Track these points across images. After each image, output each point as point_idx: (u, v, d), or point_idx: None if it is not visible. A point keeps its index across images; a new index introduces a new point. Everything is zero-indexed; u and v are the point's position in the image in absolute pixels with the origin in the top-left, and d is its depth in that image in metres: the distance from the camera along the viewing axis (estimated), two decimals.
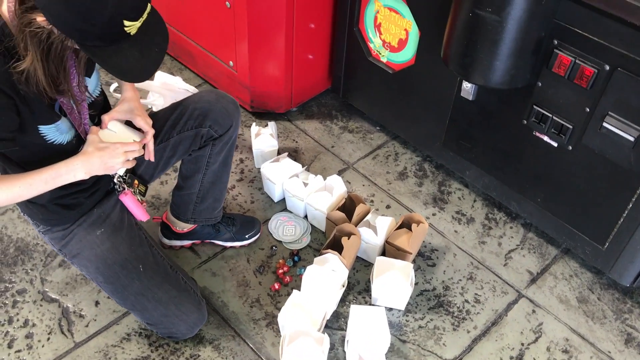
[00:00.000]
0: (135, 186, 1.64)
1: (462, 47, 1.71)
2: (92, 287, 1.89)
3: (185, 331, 1.70)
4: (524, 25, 1.60)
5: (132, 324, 1.80)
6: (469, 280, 1.99)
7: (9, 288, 1.87)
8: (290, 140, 2.45)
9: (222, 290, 1.91)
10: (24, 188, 1.35)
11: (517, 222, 2.18)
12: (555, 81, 1.73)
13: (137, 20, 1.18)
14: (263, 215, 2.14)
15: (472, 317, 1.89)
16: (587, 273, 2.03)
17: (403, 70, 2.17)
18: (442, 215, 2.19)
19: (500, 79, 1.72)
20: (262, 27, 2.22)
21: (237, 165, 2.32)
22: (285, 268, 1.96)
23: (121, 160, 1.45)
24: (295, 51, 2.33)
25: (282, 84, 2.41)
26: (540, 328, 1.87)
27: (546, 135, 1.84)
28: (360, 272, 1.99)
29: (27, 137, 1.36)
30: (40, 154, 1.41)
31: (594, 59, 1.61)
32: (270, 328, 1.81)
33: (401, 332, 1.83)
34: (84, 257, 1.59)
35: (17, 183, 1.35)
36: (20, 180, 1.35)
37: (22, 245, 1.99)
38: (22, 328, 1.78)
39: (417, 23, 2.02)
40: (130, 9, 1.17)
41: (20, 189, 1.35)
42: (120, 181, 1.61)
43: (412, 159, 2.40)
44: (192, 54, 2.63)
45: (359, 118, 2.56)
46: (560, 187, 1.90)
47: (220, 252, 2.01)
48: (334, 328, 1.83)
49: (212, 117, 1.69)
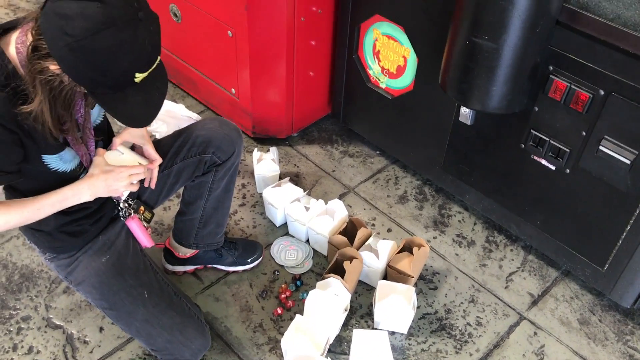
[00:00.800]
0: (140, 212, 1.67)
1: (460, 74, 1.75)
2: (96, 314, 1.90)
3: (190, 357, 1.70)
4: (520, 52, 1.64)
5: (136, 350, 1.81)
6: (471, 303, 2.00)
7: (14, 315, 1.88)
8: (291, 165, 2.48)
9: (225, 315, 1.92)
10: (33, 212, 1.38)
11: (517, 245, 2.20)
12: (551, 106, 1.76)
13: (147, 72, 1.23)
14: (265, 240, 2.16)
15: (474, 339, 1.90)
16: (588, 295, 2.05)
17: (402, 95, 2.21)
18: (443, 239, 2.21)
19: (497, 104, 1.75)
20: (263, 55, 2.27)
21: (239, 190, 2.34)
22: (287, 292, 1.97)
23: (125, 184, 1.48)
24: (296, 78, 2.37)
25: (283, 110, 2.44)
26: (543, 350, 1.88)
27: (544, 158, 1.87)
28: (362, 296, 2.00)
29: (31, 165, 1.39)
30: (44, 181, 1.44)
31: (588, 84, 1.65)
32: (274, 353, 1.82)
33: (404, 355, 1.84)
34: (89, 284, 1.60)
35: (26, 207, 1.37)
36: (29, 205, 1.38)
37: (27, 272, 2.01)
38: (26, 355, 1.79)
39: (415, 50, 2.06)
40: (143, 64, 1.21)
41: (29, 212, 1.38)
42: (127, 206, 1.63)
43: (412, 182, 2.42)
44: (195, 81, 2.67)
45: (359, 143, 2.59)
46: (559, 210, 1.92)
47: (223, 277, 2.03)
48: (337, 352, 1.83)
49: (215, 144, 1.72)
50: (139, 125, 1.33)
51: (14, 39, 1.26)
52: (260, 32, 2.20)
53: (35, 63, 1.20)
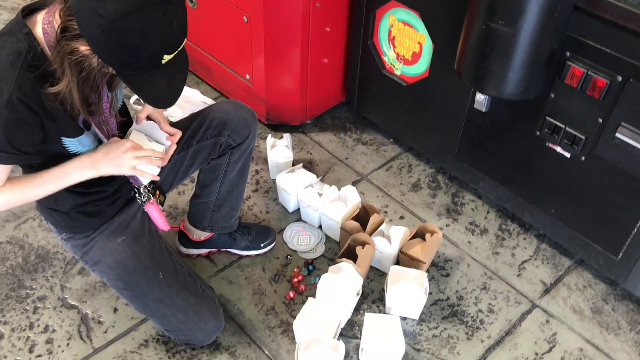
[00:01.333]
0: (157, 196, 1.68)
1: (476, 59, 1.75)
2: (110, 294, 1.92)
3: (203, 338, 1.73)
4: (537, 38, 1.63)
5: (150, 331, 1.83)
6: (483, 290, 2.00)
7: (30, 294, 1.91)
8: (304, 152, 2.49)
9: (238, 298, 1.93)
10: (35, 189, 1.39)
11: (530, 233, 2.19)
12: (567, 92, 1.75)
13: (173, 54, 1.24)
14: (278, 225, 2.17)
15: (486, 326, 1.90)
16: (601, 284, 2.04)
17: (417, 82, 2.20)
18: (456, 226, 2.21)
19: (513, 91, 1.74)
20: (278, 41, 2.27)
21: (252, 176, 2.35)
22: (300, 277, 1.98)
23: (129, 156, 1.43)
24: (311, 65, 2.37)
25: (297, 97, 2.45)
26: (554, 338, 1.88)
27: (559, 146, 1.86)
28: (374, 281, 2.01)
29: (50, 147, 1.40)
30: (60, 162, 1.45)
31: (606, 70, 1.64)
32: (286, 336, 1.83)
33: (415, 341, 1.85)
34: (105, 264, 1.62)
35: (28, 185, 1.38)
36: (31, 182, 1.38)
37: (43, 252, 2.03)
38: (42, 333, 1.81)
39: (430, 36, 2.05)
40: (171, 45, 1.23)
41: (32, 190, 1.39)
42: (145, 191, 1.64)
43: (426, 170, 2.42)
44: (209, 67, 2.68)
45: (373, 130, 2.59)
46: (573, 198, 1.92)
47: (236, 260, 2.04)
48: (348, 336, 1.84)
49: (231, 127, 1.73)
50: (163, 106, 1.34)
51: (40, 19, 1.27)
52: (275, 18, 2.20)
53: (64, 44, 1.21)
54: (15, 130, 1.28)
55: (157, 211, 1.67)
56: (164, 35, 1.19)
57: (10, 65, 1.25)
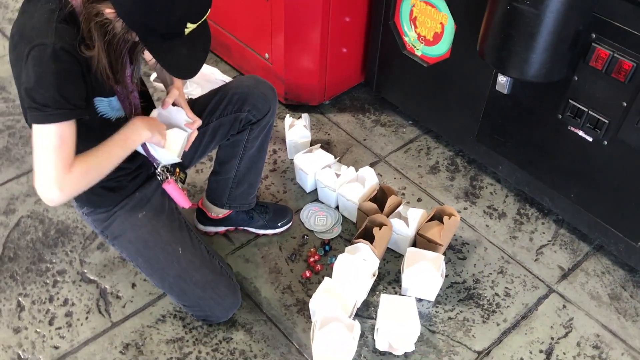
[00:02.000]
0: (177, 174, 1.69)
1: (499, 40, 1.72)
2: (129, 270, 1.94)
3: (220, 314, 1.74)
4: (562, 19, 1.60)
5: (167, 306, 1.85)
6: (500, 274, 1.99)
7: (50, 268, 1.94)
8: (322, 132, 2.48)
9: (254, 276, 1.94)
10: (106, 157, 1.37)
11: (549, 218, 2.17)
12: (592, 75, 1.72)
13: (197, 23, 1.24)
14: (295, 205, 2.17)
15: (502, 310, 1.89)
16: (620, 270, 2.02)
17: (437, 63, 2.18)
18: (474, 210, 2.19)
19: (536, 72, 1.72)
20: (298, 20, 2.25)
21: (270, 155, 2.36)
22: (316, 257, 1.99)
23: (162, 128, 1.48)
24: (330, 44, 2.36)
25: (316, 77, 2.43)
26: (571, 323, 1.87)
27: (581, 130, 1.83)
28: (390, 262, 2.01)
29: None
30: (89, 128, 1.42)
31: (633, 52, 1.61)
32: (301, 314, 1.84)
33: (431, 322, 1.85)
34: (126, 238, 1.64)
35: (97, 155, 1.35)
36: (98, 152, 1.36)
37: (63, 227, 2.06)
38: (62, 307, 1.84)
39: (453, 17, 2.03)
40: (196, 13, 1.23)
41: (103, 157, 1.36)
42: (164, 170, 1.64)
43: (445, 153, 2.41)
44: (229, 46, 2.67)
45: (392, 112, 2.57)
46: (594, 183, 1.89)
47: (253, 239, 2.05)
48: (364, 316, 1.85)
49: (251, 102, 1.73)
50: (184, 76, 1.35)
51: None
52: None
53: (90, 7, 1.22)
54: (65, 82, 1.27)
55: (175, 189, 1.67)
56: (190, 2, 1.19)
57: (46, 22, 1.26)
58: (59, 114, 1.27)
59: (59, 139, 1.28)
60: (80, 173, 1.31)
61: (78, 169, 1.31)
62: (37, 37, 1.24)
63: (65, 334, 1.77)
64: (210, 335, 1.78)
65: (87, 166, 1.33)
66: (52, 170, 1.28)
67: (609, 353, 1.80)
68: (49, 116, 1.26)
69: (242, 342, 1.77)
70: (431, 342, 1.80)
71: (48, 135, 1.27)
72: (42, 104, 1.25)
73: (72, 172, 1.30)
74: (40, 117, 1.26)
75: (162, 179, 1.65)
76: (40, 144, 1.28)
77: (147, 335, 1.78)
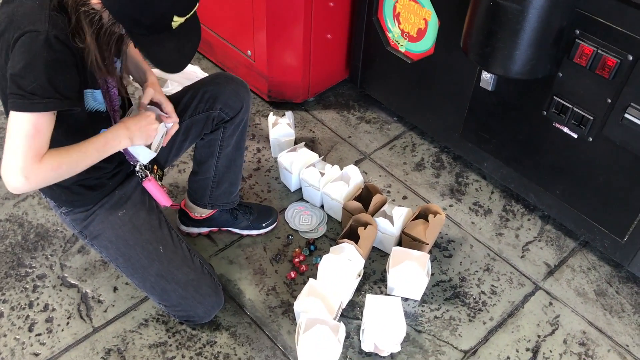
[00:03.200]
0: (155, 172, 1.66)
1: (483, 37, 1.70)
2: (110, 273, 1.91)
3: (203, 314, 1.72)
4: (546, 15, 1.58)
5: (149, 310, 1.82)
6: (486, 271, 1.98)
7: (30, 273, 1.90)
8: (307, 130, 2.45)
9: (238, 278, 1.92)
10: (80, 156, 1.35)
11: (535, 215, 2.16)
12: (576, 71, 1.71)
13: (184, 17, 1.22)
14: (279, 205, 2.15)
15: (488, 308, 1.88)
16: (606, 266, 2.02)
17: (422, 60, 2.16)
18: (459, 207, 2.18)
19: (520, 69, 1.70)
20: (280, 16, 2.22)
21: (254, 154, 2.33)
22: (301, 257, 1.97)
23: (156, 126, 1.48)
24: (314, 41, 2.33)
25: (300, 73, 2.41)
26: (557, 320, 1.86)
27: (566, 126, 1.82)
28: (376, 262, 1.99)
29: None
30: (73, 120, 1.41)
31: (616, 49, 1.59)
32: (286, 316, 1.82)
33: (417, 322, 1.83)
34: (105, 237, 1.61)
35: (74, 152, 1.34)
36: (74, 150, 1.34)
37: (42, 231, 2.02)
38: (42, 312, 1.80)
39: (436, 12, 2.00)
40: (183, 7, 1.21)
41: (78, 156, 1.34)
42: (142, 168, 1.63)
43: (430, 150, 2.39)
44: (211, 43, 2.63)
45: (376, 108, 2.55)
46: (579, 179, 1.88)
47: (237, 240, 2.03)
48: (349, 317, 1.83)
49: (223, 100, 1.71)
50: (170, 70, 1.33)
51: None
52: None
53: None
54: (56, 72, 1.24)
55: (155, 187, 1.66)
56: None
57: (39, 8, 1.23)
58: (46, 104, 1.24)
59: (34, 127, 1.25)
60: (50, 166, 1.29)
61: (49, 162, 1.28)
62: (29, 24, 1.21)
63: (45, 340, 1.74)
64: (193, 339, 1.76)
65: (59, 161, 1.31)
66: (21, 158, 1.25)
67: (595, 350, 1.80)
68: (35, 104, 1.23)
69: (226, 345, 1.75)
70: (417, 342, 1.78)
71: (24, 122, 1.24)
72: (29, 91, 1.21)
73: (42, 164, 1.27)
74: (24, 104, 1.22)
75: (142, 176, 1.63)
76: (15, 130, 1.25)
77: (129, 340, 1.75)
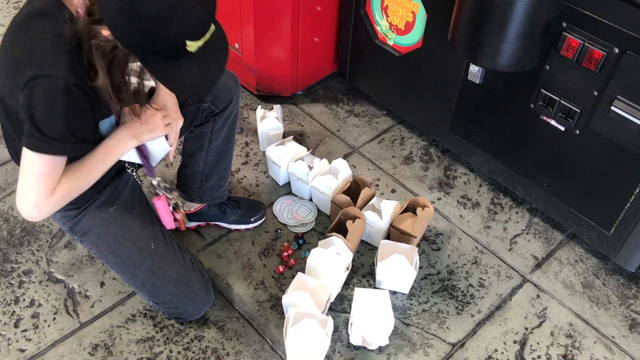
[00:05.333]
0: (174, 197, 1.70)
1: (470, 30, 1.70)
2: (97, 268, 1.90)
3: (193, 311, 1.71)
4: (533, 8, 1.58)
5: (137, 305, 1.81)
6: (474, 264, 1.99)
7: (15, 268, 1.88)
8: (295, 123, 2.44)
9: (226, 272, 1.91)
10: (90, 174, 1.39)
11: (522, 207, 2.17)
12: (563, 64, 1.71)
13: (199, 40, 1.18)
14: (268, 198, 2.14)
15: (476, 301, 1.89)
16: (593, 258, 2.03)
17: (410, 53, 2.15)
18: (448, 200, 2.18)
19: (507, 62, 1.70)
20: (268, 8, 2.21)
21: (242, 148, 2.32)
22: (289, 251, 1.96)
23: (161, 123, 1.48)
24: (302, 34, 2.31)
25: (288, 67, 2.39)
26: (545, 313, 1.87)
27: (553, 119, 1.82)
28: (364, 255, 1.99)
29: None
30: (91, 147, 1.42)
31: (603, 41, 1.60)
32: (275, 310, 1.82)
33: (405, 315, 1.84)
34: (96, 234, 1.60)
35: (80, 172, 1.37)
36: (81, 171, 1.38)
37: (28, 226, 2.00)
38: (28, 308, 1.79)
39: (424, 5, 2.00)
40: (194, 31, 1.16)
41: (85, 174, 1.38)
42: (157, 185, 1.65)
43: (418, 143, 2.39)
44: None
45: (365, 102, 2.55)
46: (567, 172, 1.89)
47: (225, 234, 2.02)
48: (337, 310, 1.83)
49: (212, 92, 1.69)
50: (194, 97, 1.32)
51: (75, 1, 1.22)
52: None
53: (89, 28, 1.18)
54: (75, 119, 1.27)
55: (164, 208, 1.67)
56: (185, 20, 1.13)
57: (59, 50, 1.22)
58: (64, 149, 1.29)
59: (50, 167, 1.30)
60: (61, 195, 1.35)
61: (59, 193, 1.35)
62: (49, 67, 1.22)
63: (31, 336, 1.73)
64: (181, 333, 1.75)
65: (69, 188, 1.36)
66: (35, 195, 1.31)
67: (581, 341, 1.81)
68: (53, 148, 1.27)
69: (214, 340, 1.74)
70: (405, 335, 1.79)
71: (41, 162, 1.29)
72: (49, 136, 1.25)
73: (54, 197, 1.34)
74: (44, 147, 1.27)
75: (153, 193, 1.63)
76: (31, 168, 1.29)
77: (116, 336, 1.74)
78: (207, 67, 1.25)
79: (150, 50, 1.16)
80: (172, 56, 1.18)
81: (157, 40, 1.14)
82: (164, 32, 1.13)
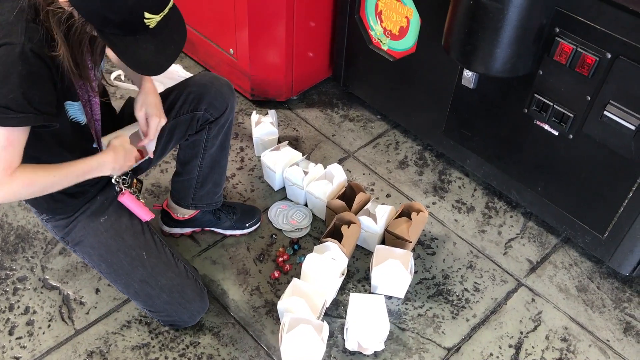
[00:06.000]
0: (134, 185, 1.65)
1: (463, 35, 1.70)
2: (92, 275, 1.89)
3: (188, 319, 1.71)
4: (526, 13, 1.59)
5: (132, 312, 1.81)
6: (469, 269, 1.99)
7: (10, 275, 1.88)
8: (290, 128, 2.45)
9: (222, 278, 1.91)
10: (61, 177, 1.35)
11: (517, 211, 2.18)
12: (556, 69, 1.72)
13: (157, 14, 1.18)
14: (263, 204, 2.14)
15: (471, 305, 1.89)
16: (587, 262, 2.03)
17: (404, 58, 2.16)
18: (442, 204, 2.19)
19: (501, 67, 1.71)
20: (262, 14, 2.21)
21: (237, 153, 2.32)
22: (285, 256, 1.96)
23: (132, 163, 1.54)
24: (296, 39, 2.32)
25: (283, 72, 2.40)
26: (540, 317, 1.88)
27: (547, 124, 1.83)
28: (359, 260, 1.99)
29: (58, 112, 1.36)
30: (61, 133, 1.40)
31: (595, 47, 1.60)
32: (270, 316, 1.82)
33: (400, 320, 1.84)
34: (87, 244, 1.59)
35: (53, 172, 1.34)
36: (56, 170, 1.35)
37: (23, 233, 2.00)
38: (22, 315, 1.78)
39: (418, 11, 2.01)
40: (152, 2, 1.17)
41: (56, 177, 1.34)
42: (118, 181, 1.60)
43: (413, 147, 2.39)
44: (193, 41, 2.62)
45: (360, 107, 2.55)
46: (560, 176, 1.90)
47: (220, 240, 2.02)
48: (333, 316, 1.83)
49: (207, 101, 1.69)
50: (147, 73, 1.30)
51: None
52: None
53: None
54: (32, 86, 1.22)
55: (133, 202, 1.62)
56: None
57: (15, 18, 1.21)
58: (20, 119, 1.22)
59: (6, 140, 1.23)
60: (22, 182, 1.28)
61: (20, 177, 1.27)
62: (5, 36, 1.20)
63: (26, 343, 1.72)
64: (176, 340, 1.75)
65: (33, 178, 1.30)
66: None
67: (576, 345, 1.81)
68: (8, 119, 1.21)
69: (209, 346, 1.74)
70: (401, 340, 1.79)
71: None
72: (3, 105, 1.19)
73: (13, 178, 1.26)
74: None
75: (117, 191, 1.61)
76: None
77: (112, 342, 1.74)
78: (164, 47, 1.26)
79: (107, 20, 1.16)
80: (129, 29, 1.19)
81: (114, 8, 1.14)
82: (122, 1, 1.13)
